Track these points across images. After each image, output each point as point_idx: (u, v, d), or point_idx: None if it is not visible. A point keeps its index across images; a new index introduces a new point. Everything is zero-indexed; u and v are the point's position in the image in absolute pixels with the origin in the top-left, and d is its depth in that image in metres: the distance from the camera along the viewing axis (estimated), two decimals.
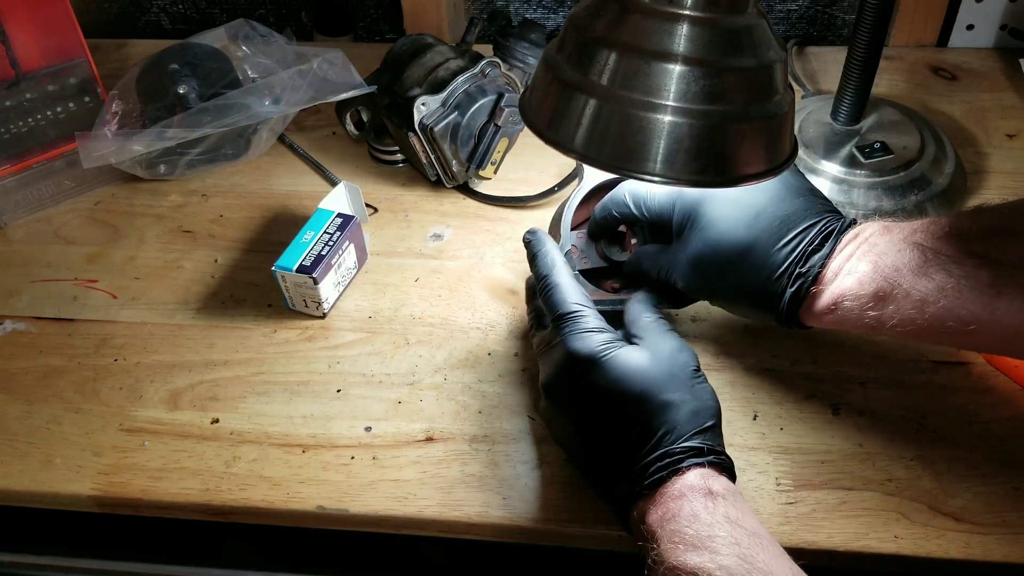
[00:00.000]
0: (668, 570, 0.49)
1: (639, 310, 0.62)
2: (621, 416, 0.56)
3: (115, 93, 0.88)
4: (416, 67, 0.85)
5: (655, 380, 0.55)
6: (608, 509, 0.58)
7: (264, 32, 0.93)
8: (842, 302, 0.58)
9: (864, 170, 0.82)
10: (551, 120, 0.53)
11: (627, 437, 0.55)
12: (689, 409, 0.55)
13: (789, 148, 0.56)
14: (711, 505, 0.51)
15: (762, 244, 0.60)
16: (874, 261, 0.57)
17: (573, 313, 0.59)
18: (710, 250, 0.61)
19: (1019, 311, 0.52)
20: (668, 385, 0.55)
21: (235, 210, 0.88)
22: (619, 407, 0.56)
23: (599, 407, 0.57)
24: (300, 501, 0.64)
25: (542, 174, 0.89)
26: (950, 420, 0.66)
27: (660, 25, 0.49)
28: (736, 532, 0.50)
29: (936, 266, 0.55)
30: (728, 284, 0.62)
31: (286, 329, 0.76)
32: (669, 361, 0.57)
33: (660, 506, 0.52)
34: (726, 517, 0.50)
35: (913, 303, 0.55)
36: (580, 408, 0.58)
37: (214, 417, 0.69)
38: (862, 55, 0.78)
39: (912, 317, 0.56)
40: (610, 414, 0.56)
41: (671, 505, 0.52)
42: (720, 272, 0.62)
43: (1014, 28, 1.01)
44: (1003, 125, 0.93)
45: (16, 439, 0.69)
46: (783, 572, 0.48)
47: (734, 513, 0.51)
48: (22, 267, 0.83)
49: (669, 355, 0.57)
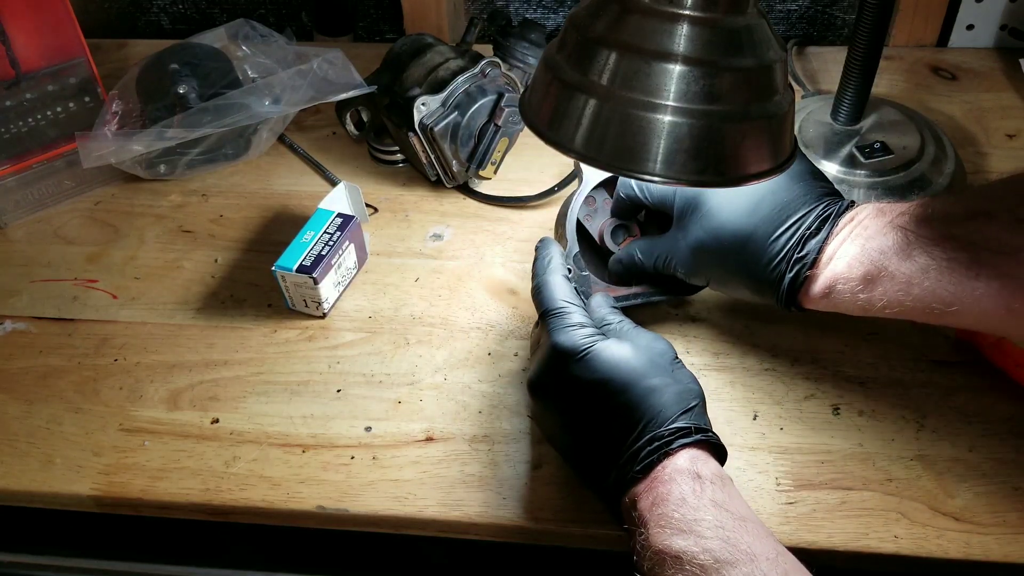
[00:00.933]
0: (654, 554, 0.50)
1: (603, 313, 0.63)
2: (608, 405, 0.56)
3: (115, 93, 0.88)
4: (416, 67, 0.85)
5: (637, 368, 0.56)
6: (605, 508, 0.58)
7: (264, 32, 0.93)
8: (835, 286, 0.59)
9: (864, 170, 0.82)
10: (551, 120, 0.53)
11: (615, 425, 0.56)
12: (673, 392, 0.56)
13: (789, 148, 0.56)
14: (698, 489, 0.52)
15: (762, 231, 0.61)
16: (862, 245, 0.58)
17: (558, 309, 0.60)
18: (711, 238, 0.63)
19: (996, 292, 0.54)
20: (650, 372, 0.56)
21: (235, 210, 0.88)
22: (605, 397, 0.56)
23: (585, 398, 0.57)
24: (300, 501, 0.64)
25: (542, 174, 0.89)
26: (950, 420, 0.66)
27: (660, 25, 0.49)
28: (721, 516, 0.50)
29: (919, 249, 0.56)
30: (729, 270, 0.64)
31: (286, 329, 0.76)
32: (648, 350, 0.58)
33: (651, 491, 0.53)
34: (712, 501, 0.51)
35: (899, 285, 0.57)
36: (567, 401, 0.59)
37: (214, 417, 0.69)
38: (862, 55, 0.78)
39: (899, 299, 0.57)
40: (597, 404, 0.57)
41: (661, 489, 0.52)
42: (721, 259, 0.63)
43: (1014, 28, 1.01)
44: (1003, 125, 0.93)
45: (16, 439, 0.69)
46: (767, 553, 0.49)
47: (720, 496, 0.52)
48: (22, 267, 0.84)
49: (647, 345, 0.58)
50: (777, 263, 0.61)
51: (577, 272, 0.69)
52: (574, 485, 0.63)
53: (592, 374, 0.57)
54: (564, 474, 0.64)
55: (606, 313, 0.63)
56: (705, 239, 0.63)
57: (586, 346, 0.57)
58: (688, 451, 0.54)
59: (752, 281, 0.63)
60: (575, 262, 0.68)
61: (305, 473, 0.65)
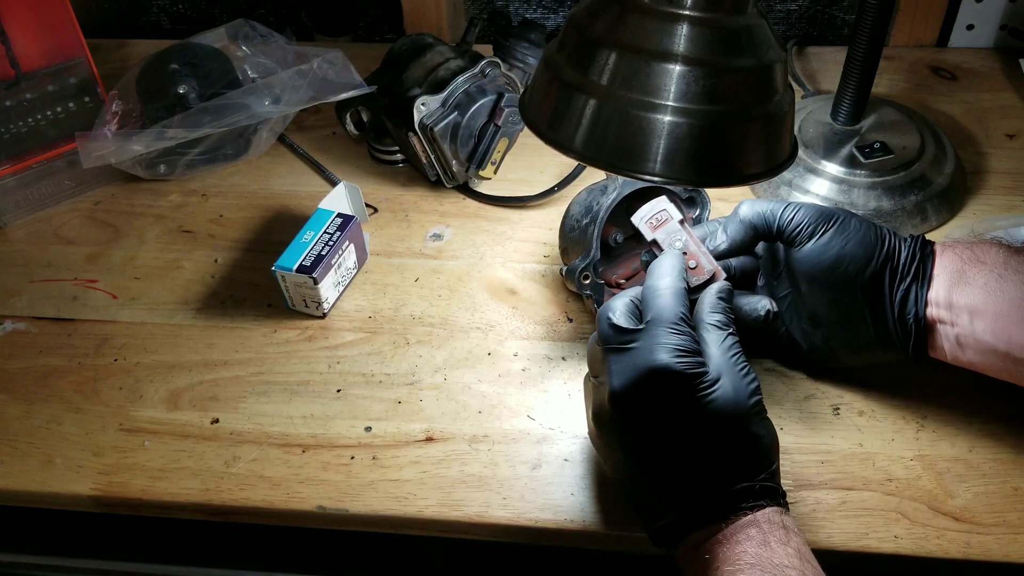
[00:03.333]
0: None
1: (716, 311, 0.58)
2: (708, 443, 0.54)
3: (115, 93, 0.88)
4: (416, 67, 0.85)
5: (743, 411, 0.54)
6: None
7: (264, 32, 0.93)
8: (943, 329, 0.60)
9: (864, 170, 0.82)
10: (551, 120, 0.53)
11: (709, 465, 0.54)
12: (766, 444, 0.55)
13: (789, 148, 0.56)
14: (785, 538, 0.52)
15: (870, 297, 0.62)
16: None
17: (673, 325, 0.54)
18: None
19: None
20: (751, 418, 0.54)
21: (235, 210, 0.88)
22: (708, 434, 0.54)
23: (683, 429, 0.54)
24: (300, 501, 0.64)
25: (542, 174, 0.89)
26: (950, 420, 0.66)
27: (660, 25, 0.49)
28: (804, 567, 0.51)
29: None
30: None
31: (286, 329, 0.76)
32: (746, 391, 0.54)
33: (732, 537, 0.52)
34: (797, 551, 0.51)
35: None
36: (657, 427, 0.55)
37: (214, 417, 0.69)
38: (862, 55, 0.78)
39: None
40: (698, 437, 0.54)
41: (742, 535, 0.52)
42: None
43: (1014, 28, 1.01)
44: (1003, 125, 0.93)
45: (16, 439, 0.69)
46: None
47: (805, 549, 0.52)
48: (22, 267, 0.84)
49: (745, 384, 0.54)
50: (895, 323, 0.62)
51: (594, 279, 0.69)
52: (574, 485, 0.63)
53: (697, 405, 0.53)
54: (564, 474, 0.64)
55: (719, 312, 0.58)
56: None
57: (702, 381, 0.53)
58: (772, 507, 0.53)
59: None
60: (592, 270, 0.68)
61: (305, 473, 0.65)
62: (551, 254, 0.81)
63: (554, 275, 0.79)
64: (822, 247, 0.62)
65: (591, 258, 0.68)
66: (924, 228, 0.81)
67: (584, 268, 0.69)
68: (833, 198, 0.81)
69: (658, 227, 0.64)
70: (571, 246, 0.72)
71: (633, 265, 0.74)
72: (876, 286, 0.62)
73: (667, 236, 0.63)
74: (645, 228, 0.64)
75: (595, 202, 0.69)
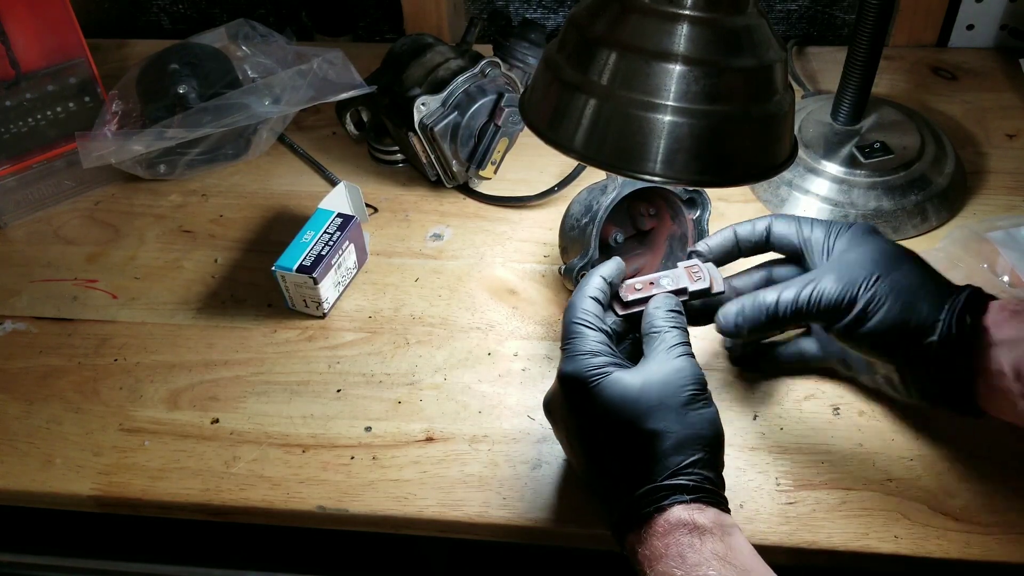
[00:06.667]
0: None
1: (659, 316, 0.58)
2: (607, 445, 0.54)
3: (115, 93, 0.88)
4: (416, 67, 0.85)
5: (642, 409, 0.53)
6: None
7: (264, 32, 0.93)
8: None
9: (864, 170, 0.82)
10: (551, 120, 0.53)
11: (615, 466, 0.54)
12: (676, 440, 0.52)
13: (789, 148, 0.56)
14: (697, 543, 0.50)
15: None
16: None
17: (572, 332, 0.57)
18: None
19: None
20: (656, 414, 0.53)
21: (235, 210, 0.88)
22: (606, 435, 0.54)
23: (587, 432, 0.56)
24: (300, 501, 0.64)
25: (542, 174, 0.89)
26: (950, 420, 0.66)
27: (660, 25, 0.49)
28: (724, 569, 0.49)
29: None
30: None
31: (286, 329, 0.76)
32: (663, 385, 0.54)
33: (647, 544, 0.51)
34: (714, 554, 0.50)
35: None
36: (571, 431, 0.57)
37: (214, 417, 0.69)
38: (862, 55, 0.78)
39: None
40: (597, 441, 0.55)
41: (657, 544, 0.51)
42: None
43: (1014, 28, 1.01)
44: (1003, 125, 0.93)
45: (16, 439, 0.69)
46: None
47: (721, 549, 0.50)
48: (22, 267, 0.84)
49: (663, 379, 0.54)
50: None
51: None
52: (574, 485, 0.63)
53: (594, 409, 0.54)
54: (564, 474, 0.64)
55: (661, 317, 0.58)
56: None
57: (592, 378, 0.54)
58: (683, 506, 0.51)
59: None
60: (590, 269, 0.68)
61: (305, 473, 0.65)
62: (551, 254, 0.81)
63: (554, 275, 0.79)
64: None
65: (589, 257, 0.68)
66: (924, 228, 0.81)
67: (582, 267, 0.69)
68: (833, 198, 0.81)
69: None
70: (570, 245, 0.72)
71: (632, 265, 0.74)
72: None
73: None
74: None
75: (595, 202, 0.69)
